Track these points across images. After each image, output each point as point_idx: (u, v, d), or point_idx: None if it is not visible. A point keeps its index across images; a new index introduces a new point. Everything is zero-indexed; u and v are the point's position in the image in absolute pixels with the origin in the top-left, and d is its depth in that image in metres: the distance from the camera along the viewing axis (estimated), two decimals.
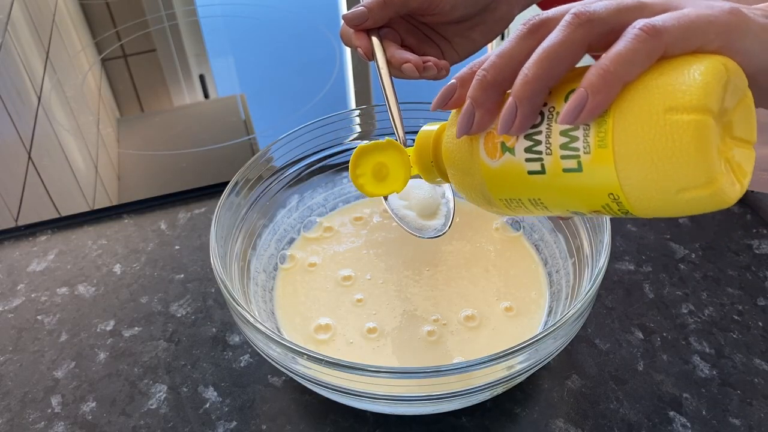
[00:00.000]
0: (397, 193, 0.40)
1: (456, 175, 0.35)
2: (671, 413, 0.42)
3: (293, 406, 0.44)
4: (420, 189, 0.48)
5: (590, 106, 0.27)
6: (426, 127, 0.38)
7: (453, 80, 0.34)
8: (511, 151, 0.31)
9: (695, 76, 0.25)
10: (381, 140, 0.39)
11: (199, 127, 0.74)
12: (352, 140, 0.54)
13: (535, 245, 0.50)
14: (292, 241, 0.52)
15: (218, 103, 0.81)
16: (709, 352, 0.46)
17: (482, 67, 0.31)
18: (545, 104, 0.30)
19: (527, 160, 0.30)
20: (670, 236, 0.55)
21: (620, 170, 0.27)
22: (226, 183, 0.46)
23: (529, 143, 0.30)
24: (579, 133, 0.28)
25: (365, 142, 0.40)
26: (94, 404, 0.45)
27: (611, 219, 0.42)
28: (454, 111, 0.35)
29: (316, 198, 0.54)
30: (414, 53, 0.46)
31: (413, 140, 0.53)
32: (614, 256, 0.53)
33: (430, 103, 0.35)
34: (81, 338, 0.50)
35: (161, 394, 0.45)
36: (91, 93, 0.81)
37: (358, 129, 0.54)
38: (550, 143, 0.29)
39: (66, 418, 0.44)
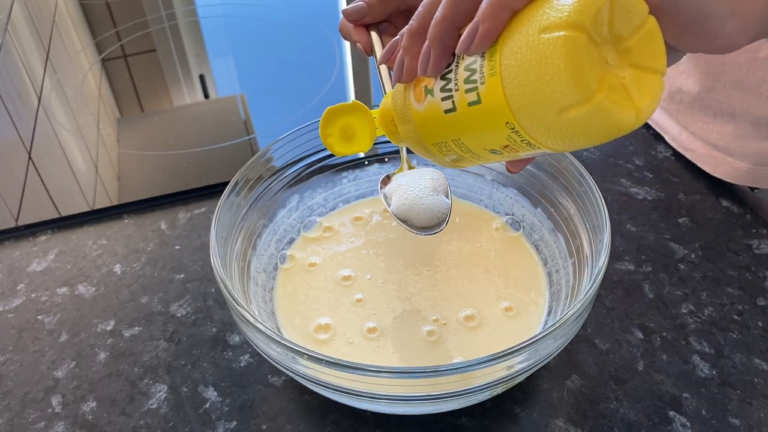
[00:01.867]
0: (363, 152, 0.42)
1: (401, 126, 0.37)
2: (671, 413, 0.42)
3: (293, 406, 0.44)
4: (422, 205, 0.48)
5: (481, 33, 0.28)
6: (389, 92, 0.40)
7: (398, 36, 0.36)
8: (431, 92, 0.33)
9: None
10: (348, 102, 0.41)
11: (199, 127, 0.74)
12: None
13: (535, 245, 0.51)
14: (292, 241, 0.52)
15: (218, 103, 0.81)
16: (709, 351, 0.46)
17: (411, 18, 0.33)
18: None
19: (443, 99, 0.32)
20: (669, 236, 0.55)
21: (509, 96, 0.28)
22: (226, 183, 0.46)
23: (443, 83, 0.32)
24: (476, 65, 0.29)
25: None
26: (94, 404, 0.45)
27: (610, 218, 0.42)
28: None
29: (316, 198, 0.54)
30: None
31: None
32: (614, 256, 0.53)
33: None
34: (81, 338, 0.50)
35: (161, 393, 0.45)
36: (91, 93, 0.81)
37: None
38: (457, 80, 0.31)
39: (66, 418, 0.44)
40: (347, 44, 0.87)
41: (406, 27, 0.34)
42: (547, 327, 0.35)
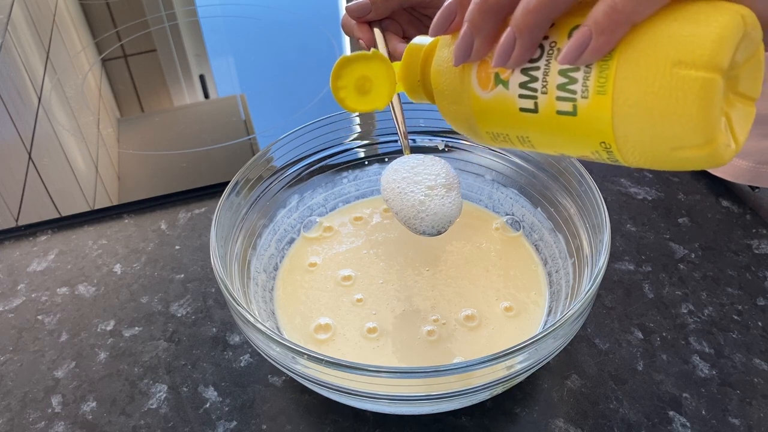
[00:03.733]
0: (379, 110, 0.38)
1: (443, 102, 0.33)
2: (671, 413, 0.42)
3: (293, 406, 0.44)
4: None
5: (594, 47, 0.25)
6: (417, 40, 0.35)
7: (451, 1, 0.31)
8: (505, 84, 0.29)
9: (711, 28, 0.23)
10: (367, 51, 0.37)
11: (199, 127, 0.74)
12: (352, 140, 0.54)
13: (535, 245, 0.51)
14: (292, 241, 0.52)
15: (218, 103, 0.81)
16: (709, 351, 0.46)
17: None
18: (546, 38, 0.27)
19: (521, 96, 0.28)
20: (669, 236, 0.55)
21: (617, 121, 0.25)
22: (226, 183, 0.46)
23: (524, 78, 0.28)
24: (579, 75, 0.26)
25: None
26: (94, 404, 0.45)
27: (610, 218, 0.42)
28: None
29: (316, 198, 0.54)
30: None
31: (413, 140, 0.52)
32: (614, 256, 0.53)
33: (426, 102, 0.35)
34: (81, 338, 0.50)
35: (161, 393, 0.45)
36: (92, 93, 0.81)
37: (358, 129, 0.54)
38: (546, 81, 0.27)
39: (66, 418, 0.44)
40: (347, 44, 0.87)
41: None
42: (547, 327, 0.35)
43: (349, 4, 0.44)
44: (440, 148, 0.54)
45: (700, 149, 0.24)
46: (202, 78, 0.86)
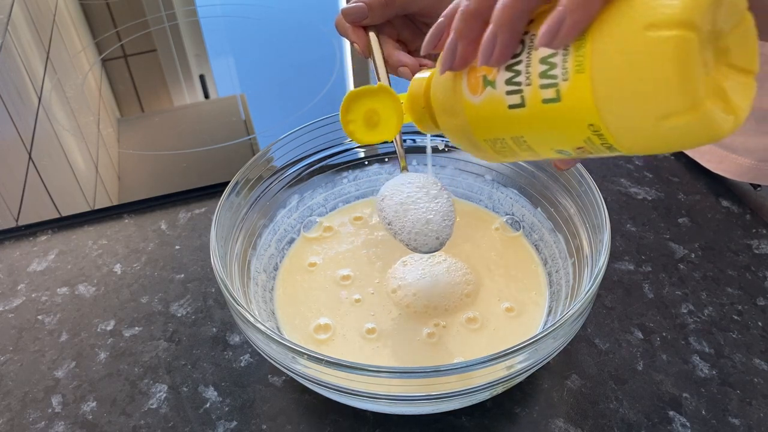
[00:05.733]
0: (389, 141, 0.38)
1: (443, 118, 0.34)
2: (671, 413, 0.42)
3: (293, 406, 0.44)
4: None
5: (568, 24, 0.24)
6: (420, 75, 0.36)
7: (441, 18, 0.32)
8: (493, 84, 0.29)
9: None
10: (373, 85, 0.38)
11: (199, 127, 0.74)
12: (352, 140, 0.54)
13: (535, 245, 0.51)
14: (292, 241, 0.52)
15: (218, 103, 0.81)
16: (709, 351, 0.46)
17: None
18: (527, 32, 0.28)
19: (508, 93, 0.28)
20: (669, 236, 0.55)
21: (598, 97, 0.25)
22: (226, 183, 0.46)
23: (509, 74, 0.28)
24: (558, 59, 0.26)
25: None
26: (94, 404, 0.45)
27: (610, 218, 0.42)
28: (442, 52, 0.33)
29: (316, 198, 0.54)
30: (409, 47, 0.45)
31: (413, 140, 0.52)
32: (614, 256, 0.53)
33: None
34: (81, 338, 0.50)
35: (161, 393, 0.45)
36: (92, 93, 0.81)
37: None
38: (529, 73, 0.27)
39: (66, 418, 0.44)
40: (347, 44, 0.87)
41: (460, 7, 0.29)
42: (547, 327, 0.35)
43: (346, 6, 0.43)
44: (440, 148, 0.54)
45: (686, 114, 0.23)
46: (202, 78, 0.86)
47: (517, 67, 0.28)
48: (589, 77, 0.25)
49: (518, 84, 0.28)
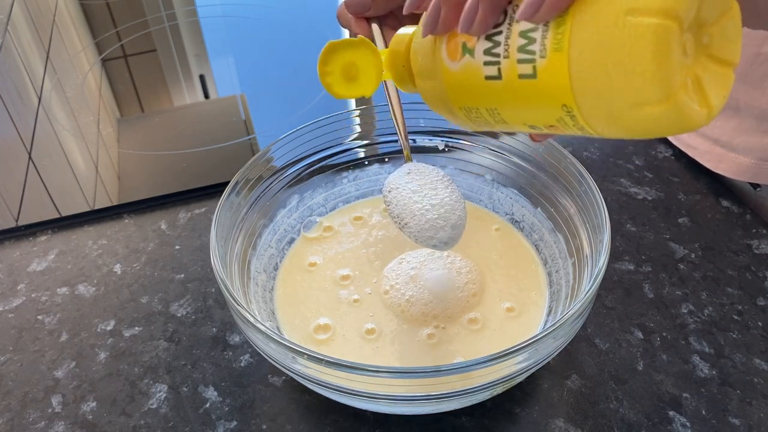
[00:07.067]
0: (366, 97, 0.37)
1: (420, 80, 0.33)
2: (671, 413, 0.42)
3: (293, 406, 0.44)
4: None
5: (549, 1, 0.24)
6: (402, 30, 0.36)
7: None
8: (471, 52, 0.29)
9: None
10: (354, 38, 0.36)
11: (199, 127, 0.74)
12: (352, 140, 0.54)
13: (535, 245, 0.51)
14: (292, 241, 0.52)
15: (218, 103, 0.81)
16: (709, 351, 0.46)
17: None
18: (510, 1, 0.27)
19: (485, 63, 0.28)
20: (669, 236, 0.55)
21: (574, 78, 0.24)
22: (226, 183, 0.46)
23: (488, 44, 0.28)
24: (537, 35, 0.25)
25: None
26: (94, 404, 0.45)
27: (610, 218, 0.42)
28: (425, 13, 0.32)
29: (316, 198, 0.54)
30: None
31: (413, 140, 0.52)
32: (614, 256, 0.53)
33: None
34: (81, 338, 0.50)
35: (161, 393, 0.45)
36: (92, 93, 0.81)
37: (358, 129, 0.54)
38: (508, 45, 0.27)
39: (66, 418, 0.44)
40: None
41: None
42: (547, 327, 0.35)
43: None
44: (440, 148, 0.54)
45: (659, 105, 0.23)
46: (202, 78, 0.86)
47: (496, 38, 0.27)
48: (566, 57, 0.24)
49: (496, 56, 0.28)
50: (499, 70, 0.28)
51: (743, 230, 0.55)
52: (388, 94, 0.43)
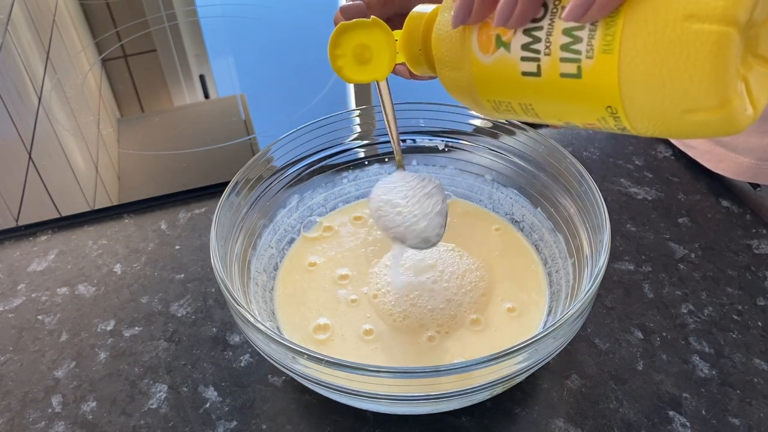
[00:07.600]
0: (379, 81, 0.36)
1: (444, 69, 0.32)
2: (671, 413, 0.42)
3: (293, 406, 0.44)
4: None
5: (601, 2, 0.23)
6: (418, 9, 0.34)
7: None
8: (507, 46, 0.27)
9: None
10: (366, 19, 0.35)
11: (199, 127, 0.74)
12: (352, 140, 0.54)
13: (535, 245, 0.51)
14: (292, 241, 0.52)
15: (218, 103, 0.81)
16: (709, 351, 0.46)
17: None
18: None
19: (523, 58, 0.27)
20: (669, 236, 0.55)
21: (624, 82, 0.24)
22: (226, 183, 0.46)
23: (527, 39, 0.27)
24: (584, 34, 0.24)
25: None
26: (94, 404, 0.45)
27: (610, 218, 0.42)
28: None
29: (316, 198, 0.54)
30: None
31: (413, 140, 0.52)
32: (614, 256, 0.53)
33: (426, 103, 0.34)
34: (81, 338, 0.50)
35: (161, 393, 0.45)
36: (92, 93, 0.81)
37: (358, 129, 0.54)
38: (550, 42, 0.26)
39: (66, 418, 0.44)
40: None
41: None
42: (547, 327, 0.35)
43: (345, 4, 0.43)
44: (440, 148, 0.54)
45: (713, 112, 0.23)
46: (202, 78, 0.86)
47: (536, 33, 0.26)
48: (616, 59, 0.24)
49: (536, 51, 0.26)
50: (538, 66, 0.27)
51: (743, 230, 0.55)
52: (383, 101, 0.42)
